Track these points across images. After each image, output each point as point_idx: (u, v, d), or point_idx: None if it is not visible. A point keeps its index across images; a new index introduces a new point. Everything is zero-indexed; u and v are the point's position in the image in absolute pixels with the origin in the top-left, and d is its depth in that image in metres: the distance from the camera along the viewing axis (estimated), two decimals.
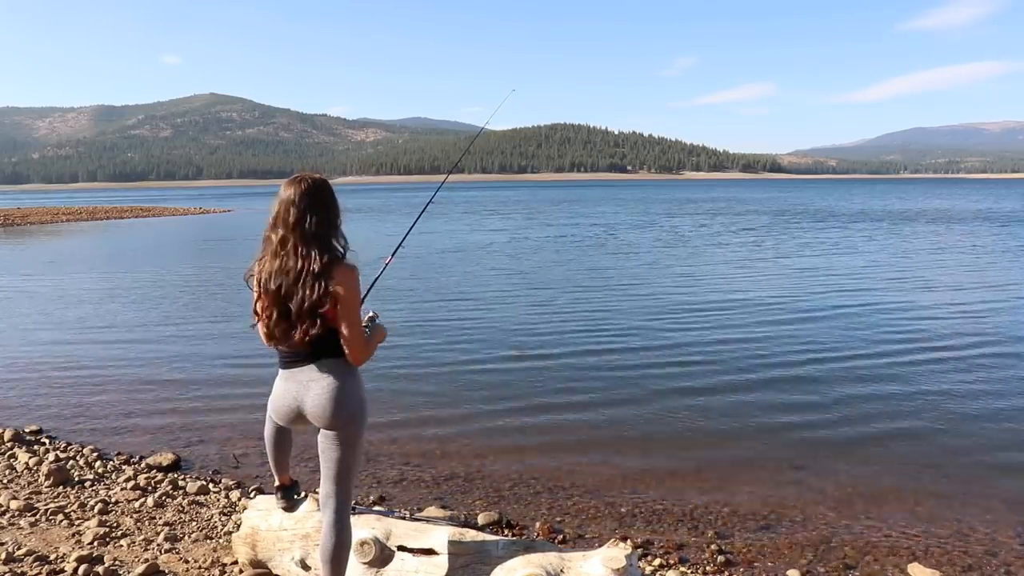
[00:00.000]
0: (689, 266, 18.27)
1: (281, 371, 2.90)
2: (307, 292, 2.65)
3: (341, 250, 2.76)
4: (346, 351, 2.76)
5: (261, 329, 2.86)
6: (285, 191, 2.74)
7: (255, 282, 2.80)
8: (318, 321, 2.69)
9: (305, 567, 3.31)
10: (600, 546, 3.28)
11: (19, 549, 3.91)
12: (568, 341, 9.82)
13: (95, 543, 4.05)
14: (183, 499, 4.93)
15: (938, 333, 10.07)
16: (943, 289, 14.15)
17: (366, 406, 2.86)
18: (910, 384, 7.55)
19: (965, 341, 9.49)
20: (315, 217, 2.71)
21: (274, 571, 3.49)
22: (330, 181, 2.86)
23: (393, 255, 3.44)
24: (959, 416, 6.57)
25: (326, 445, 2.82)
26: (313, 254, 2.67)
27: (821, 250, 21.90)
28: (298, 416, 2.87)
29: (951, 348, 9.13)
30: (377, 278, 3.33)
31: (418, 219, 3.90)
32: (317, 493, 3.12)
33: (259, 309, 2.80)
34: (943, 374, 7.91)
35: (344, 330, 2.72)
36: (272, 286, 2.71)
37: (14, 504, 4.59)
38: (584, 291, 14.26)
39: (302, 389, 2.81)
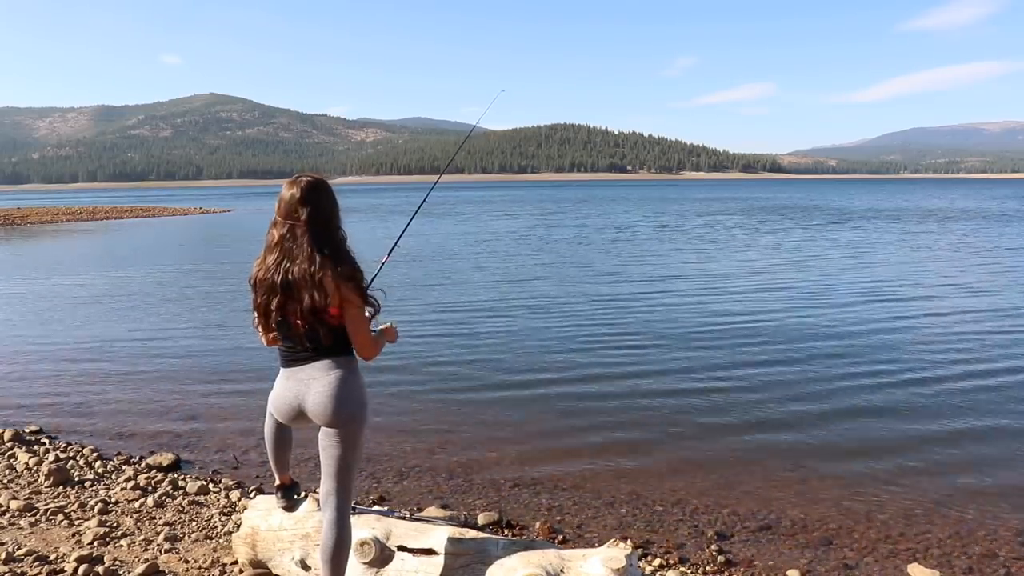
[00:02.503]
0: (694, 267, 18.27)
1: (282, 369, 2.91)
2: (311, 289, 2.66)
3: (344, 247, 2.77)
4: (354, 347, 2.79)
5: (261, 328, 2.86)
6: (288, 190, 2.75)
7: (255, 280, 2.81)
8: (320, 318, 2.70)
9: (305, 567, 3.31)
10: (600, 546, 3.27)
11: (19, 549, 3.91)
12: (569, 342, 9.82)
13: (95, 543, 4.05)
14: (183, 499, 4.93)
15: (944, 335, 10.06)
16: (950, 288, 14.14)
17: (367, 404, 2.87)
18: (912, 387, 7.53)
19: (972, 344, 9.48)
20: (319, 215, 2.73)
21: (274, 571, 3.49)
22: (330, 181, 2.89)
23: (389, 254, 3.44)
24: (960, 418, 6.57)
25: (327, 443, 2.83)
26: (317, 251, 2.68)
27: (827, 249, 21.88)
28: (299, 414, 2.88)
29: (956, 351, 9.11)
30: (374, 277, 3.34)
31: (412, 219, 3.90)
32: (317, 493, 3.12)
33: (260, 308, 2.81)
34: (946, 378, 7.88)
35: (350, 326, 2.74)
36: (274, 282, 2.72)
37: (14, 504, 4.59)
38: (590, 295, 14.26)
39: (303, 387, 2.81)
